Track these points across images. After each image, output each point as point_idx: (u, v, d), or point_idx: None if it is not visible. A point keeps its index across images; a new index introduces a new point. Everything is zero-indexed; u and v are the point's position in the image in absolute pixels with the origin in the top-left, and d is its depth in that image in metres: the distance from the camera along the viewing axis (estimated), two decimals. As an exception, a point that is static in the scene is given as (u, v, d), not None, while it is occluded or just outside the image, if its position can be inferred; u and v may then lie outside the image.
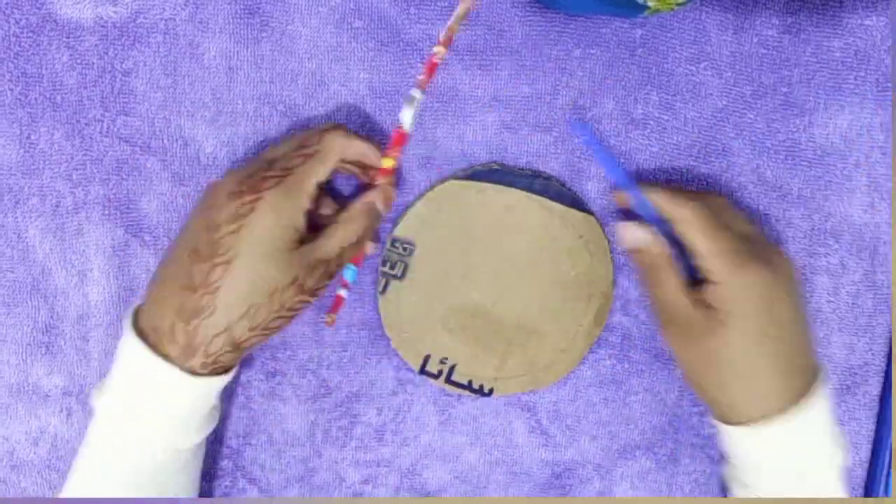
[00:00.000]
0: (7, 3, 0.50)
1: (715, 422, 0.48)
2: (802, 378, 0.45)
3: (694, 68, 0.52)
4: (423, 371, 0.52)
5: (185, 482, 0.46)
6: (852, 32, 0.52)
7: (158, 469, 0.44)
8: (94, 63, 0.51)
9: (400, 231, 0.51)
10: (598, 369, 0.54)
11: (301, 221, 0.44)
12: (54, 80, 0.51)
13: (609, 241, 0.52)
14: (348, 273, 0.51)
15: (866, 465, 0.54)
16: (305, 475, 0.54)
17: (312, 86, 0.51)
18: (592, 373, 0.54)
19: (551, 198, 0.51)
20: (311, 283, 0.44)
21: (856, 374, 0.54)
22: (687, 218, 0.46)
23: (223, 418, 0.53)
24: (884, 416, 0.54)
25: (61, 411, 0.53)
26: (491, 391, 0.52)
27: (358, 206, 0.47)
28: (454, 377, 0.51)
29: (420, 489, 0.54)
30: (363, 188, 0.50)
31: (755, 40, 0.52)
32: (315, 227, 0.46)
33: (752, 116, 0.52)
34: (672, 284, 0.46)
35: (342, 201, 0.50)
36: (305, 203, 0.44)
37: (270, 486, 0.53)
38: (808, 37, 0.52)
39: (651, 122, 0.52)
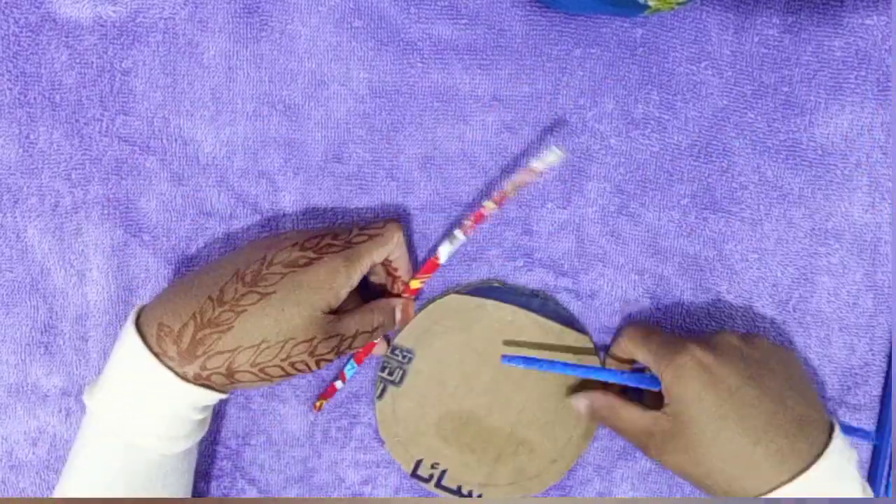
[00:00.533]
0: (6, 3, 0.50)
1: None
2: (802, 440, 0.44)
3: (694, 68, 0.52)
4: (414, 475, 0.53)
5: (174, 484, 0.46)
6: (853, 32, 0.52)
7: (148, 470, 0.45)
8: (93, 62, 0.51)
9: (400, 339, 0.53)
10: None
11: (344, 294, 0.46)
12: (53, 79, 0.51)
13: (601, 361, 0.53)
14: (349, 370, 0.52)
15: (866, 466, 0.54)
16: (305, 475, 0.54)
17: (312, 85, 0.51)
18: (592, 373, 0.54)
19: (548, 316, 0.53)
20: (322, 350, 0.45)
21: (856, 374, 0.54)
22: (625, 342, 0.50)
23: (223, 419, 0.53)
24: (884, 416, 0.53)
25: (60, 411, 0.53)
26: (479, 496, 0.53)
27: (382, 303, 0.50)
28: (444, 482, 0.53)
29: (420, 489, 0.54)
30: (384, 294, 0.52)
31: (756, 40, 0.52)
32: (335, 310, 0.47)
33: (752, 116, 0.52)
34: (627, 412, 0.48)
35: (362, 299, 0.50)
36: (356, 279, 0.46)
37: (270, 487, 0.53)
38: (808, 36, 0.52)
39: (651, 122, 0.52)
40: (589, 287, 0.53)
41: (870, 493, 0.45)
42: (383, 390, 0.53)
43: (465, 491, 0.53)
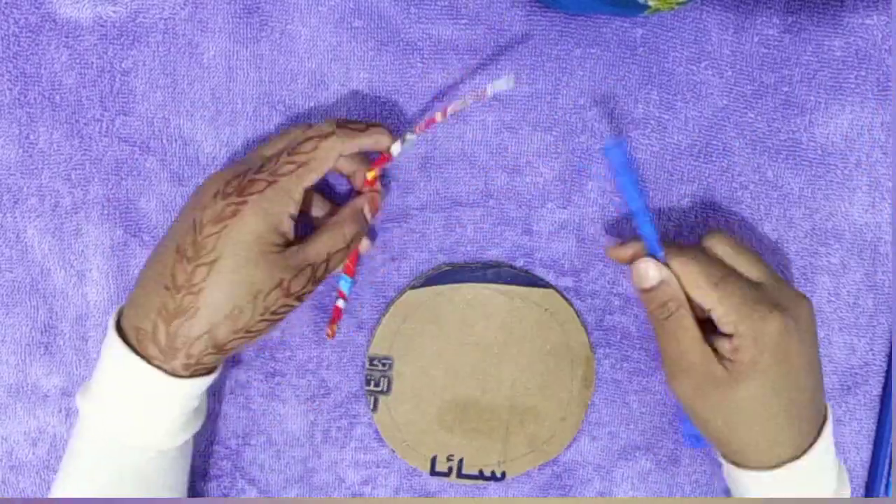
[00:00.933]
0: (6, 3, 0.50)
1: (721, 458, 0.47)
2: (813, 422, 0.45)
3: (694, 68, 0.52)
4: (433, 473, 0.53)
5: (171, 481, 0.46)
6: (853, 32, 0.52)
7: (143, 468, 0.44)
8: (93, 63, 0.51)
9: (374, 349, 0.52)
10: (596, 370, 0.54)
11: (287, 226, 0.43)
12: (53, 79, 0.51)
13: (574, 309, 0.53)
14: (344, 284, 0.51)
15: (866, 465, 0.54)
16: (305, 475, 0.54)
17: (312, 85, 0.51)
18: (593, 373, 0.54)
19: (506, 283, 0.52)
20: (297, 287, 0.43)
21: (856, 374, 0.54)
22: (692, 272, 0.45)
23: (223, 419, 0.53)
24: (884, 416, 0.53)
25: (60, 412, 0.53)
26: (503, 474, 0.53)
27: (345, 212, 0.46)
28: (464, 471, 0.53)
29: (420, 489, 0.54)
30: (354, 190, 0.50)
31: (756, 39, 0.52)
32: (307, 227, 0.45)
33: (752, 116, 0.52)
34: (689, 336, 0.45)
35: (336, 198, 0.49)
36: (292, 209, 0.44)
37: (270, 487, 0.53)
38: (808, 36, 0.52)
39: (651, 122, 0.52)
40: (589, 287, 0.53)
41: (843, 473, 0.48)
42: (375, 402, 0.53)
43: (487, 472, 0.53)
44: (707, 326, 0.45)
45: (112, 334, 0.43)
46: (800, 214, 0.53)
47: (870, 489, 0.54)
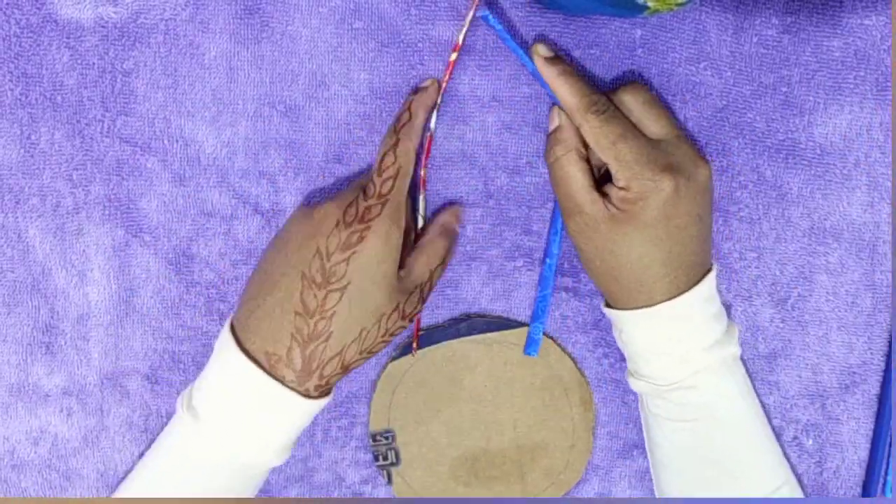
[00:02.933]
0: (7, 4, 0.50)
1: (605, 310, 0.49)
2: (690, 275, 0.47)
3: (693, 68, 0.52)
4: None
5: (255, 488, 0.48)
6: (852, 32, 0.52)
7: (246, 484, 0.47)
8: (94, 63, 0.51)
9: (373, 426, 0.53)
10: (595, 369, 0.54)
11: (400, 248, 0.46)
12: (55, 80, 0.51)
13: (553, 338, 0.53)
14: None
15: (865, 465, 0.54)
16: (305, 475, 0.54)
17: (313, 86, 0.51)
18: (590, 373, 0.54)
19: (481, 332, 0.53)
20: (410, 308, 0.47)
21: (855, 373, 0.54)
22: (592, 128, 0.46)
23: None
24: (882, 416, 0.54)
25: (61, 411, 0.53)
26: None
27: (436, 229, 0.50)
28: None
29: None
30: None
31: (755, 40, 0.52)
32: None
33: (751, 116, 0.52)
34: (575, 181, 0.47)
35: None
36: (403, 223, 0.46)
37: (270, 486, 0.54)
38: (807, 36, 0.52)
39: (651, 122, 0.52)
40: (589, 287, 0.53)
41: (734, 329, 0.49)
42: (389, 476, 0.53)
43: None
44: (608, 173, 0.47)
45: (239, 357, 0.45)
46: (798, 214, 0.53)
47: (868, 489, 0.54)
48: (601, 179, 0.48)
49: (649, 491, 0.54)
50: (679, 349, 0.47)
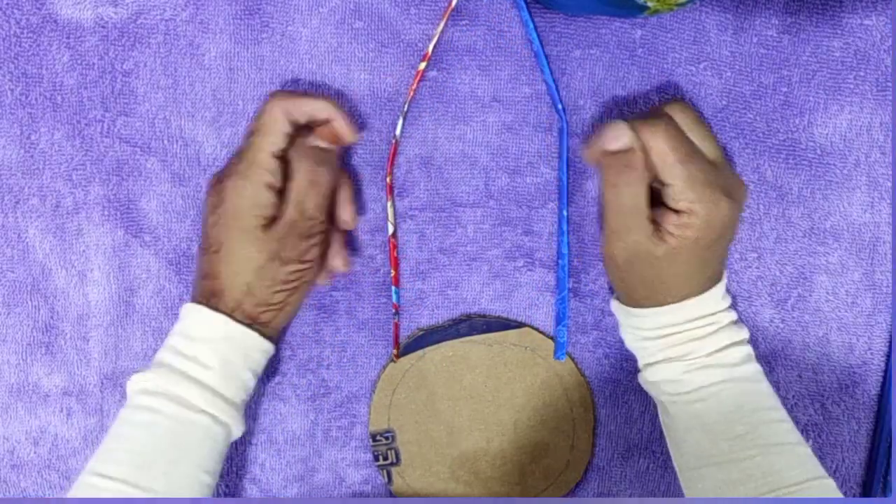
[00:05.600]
0: (7, 4, 0.50)
1: (621, 307, 0.49)
2: (710, 280, 0.48)
3: (693, 69, 0.52)
4: None
5: (208, 466, 0.46)
6: (852, 32, 0.52)
7: (198, 442, 0.45)
8: (94, 63, 0.51)
9: (373, 426, 0.53)
10: (595, 369, 0.54)
11: (265, 197, 0.45)
12: (55, 80, 0.51)
13: (553, 340, 0.53)
14: (394, 296, 0.52)
15: (864, 465, 0.54)
16: (305, 475, 0.54)
17: (313, 86, 0.51)
18: (590, 373, 0.54)
19: (481, 332, 0.53)
20: (291, 252, 0.46)
21: (854, 373, 0.54)
22: (662, 145, 0.44)
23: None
24: (882, 416, 0.54)
25: (61, 411, 0.53)
26: None
27: (295, 154, 0.46)
28: None
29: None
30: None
31: (755, 40, 0.52)
32: None
33: (751, 116, 0.52)
34: (636, 210, 0.45)
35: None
36: (263, 177, 0.45)
37: (270, 486, 0.54)
38: (807, 37, 0.52)
39: (651, 123, 0.52)
40: (589, 287, 0.53)
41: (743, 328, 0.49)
42: (389, 475, 0.53)
43: None
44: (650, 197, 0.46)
45: (186, 305, 0.47)
46: (798, 214, 0.53)
47: (868, 489, 0.54)
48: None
49: (649, 491, 0.54)
50: (707, 329, 0.47)
